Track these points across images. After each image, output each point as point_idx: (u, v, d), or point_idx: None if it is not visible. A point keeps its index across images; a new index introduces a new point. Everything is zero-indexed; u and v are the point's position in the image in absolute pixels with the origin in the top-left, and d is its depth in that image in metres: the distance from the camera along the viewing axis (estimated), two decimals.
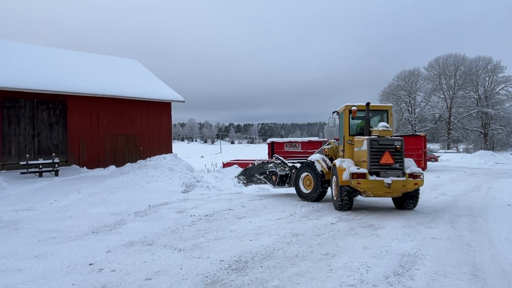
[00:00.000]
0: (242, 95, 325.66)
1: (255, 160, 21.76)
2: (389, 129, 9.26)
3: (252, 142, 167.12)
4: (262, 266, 5.12)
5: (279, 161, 13.88)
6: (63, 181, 14.24)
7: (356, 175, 8.80)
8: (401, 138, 9.04)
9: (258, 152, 45.80)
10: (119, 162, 19.13)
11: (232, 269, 5.02)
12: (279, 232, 7.10)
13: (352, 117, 10.14)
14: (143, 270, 5.02)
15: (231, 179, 15.98)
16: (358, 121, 10.44)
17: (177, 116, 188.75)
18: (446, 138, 60.00)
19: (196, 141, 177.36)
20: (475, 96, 56.41)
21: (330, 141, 12.12)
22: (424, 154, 24.87)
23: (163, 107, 22.08)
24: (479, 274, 4.79)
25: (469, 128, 56.10)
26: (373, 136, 9.18)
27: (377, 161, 8.86)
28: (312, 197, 10.97)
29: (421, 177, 8.79)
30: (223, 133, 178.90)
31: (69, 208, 9.82)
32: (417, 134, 30.72)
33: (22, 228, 7.65)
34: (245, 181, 16.36)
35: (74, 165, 17.94)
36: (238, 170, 18.87)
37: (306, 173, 11.28)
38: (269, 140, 28.05)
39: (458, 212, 9.19)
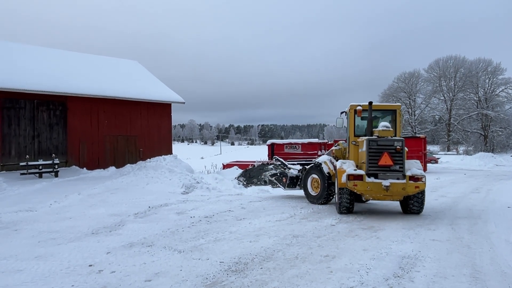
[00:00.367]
0: (242, 97, 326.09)
1: (255, 162, 21.82)
2: (389, 129, 8.83)
3: (252, 144, 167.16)
4: (262, 268, 5.12)
5: (279, 162, 13.88)
6: (63, 182, 14.24)
7: (353, 177, 8.50)
8: (402, 138, 8.61)
9: (258, 153, 45.82)
10: (119, 163, 19.13)
11: (231, 271, 5.02)
12: (279, 233, 7.09)
13: (357, 116, 9.79)
14: (143, 272, 5.01)
15: (231, 180, 15.99)
16: (365, 121, 10.09)
17: (177, 117, 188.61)
18: (446, 140, 60.01)
19: (196, 142, 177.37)
20: (475, 98, 56.42)
21: (339, 142, 11.73)
22: (424, 156, 24.89)
23: (163, 108, 22.09)
24: (479, 276, 4.78)
25: (469, 130, 56.09)
26: (372, 136, 8.88)
27: (376, 163, 8.48)
28: (319, 199, 10.66)
29: (423, 180, 8.31)
30: (223, 134, 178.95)
31: (69, 209, 9.81)
32: (417, 136, 30.75)
33: (22, 229, 7.64)
34: (245, 183, 16.37)
35: (74, 166, 17.94)
36: (238, 171, 18.90)
37: (314, 175, 10.96)
38: (269, 142, 28.09)
39: (458, 214, 9.19)
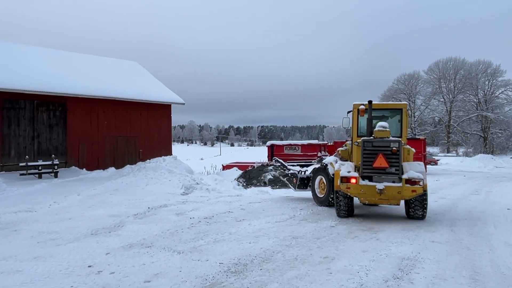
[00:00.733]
0: (242, 98, 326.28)
1: (254, 163, 21.85)
2: (385, 129, 8.37)
3: (252, 145, 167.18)
4: (261, 269, 5.11)
5: (278, 163, 13.90)
6: (63, 183, 14.23)
7: (346, 179, 8.14)
8: (399, 139, 8.19)
9: (258, 154, 45.81)
10: (118, 164, 19.13)
11: (231, 272, 5.01)
12: (278, 235, 7.09)
13: (360, 116, 9.41)
14: (142, 273, 5.01)
15: (231, 181, 16.02)
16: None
17: (177, 118, 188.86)
18: (446, 142, 60.07)
19: (195, 143, 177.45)
20: (475, 100, 56.54)
21: (347, 142, 11.31)
22: (424, 158, 24.90)
23: (163, 109, 22.10)
24: (478, 278, 4.78)
25: (469, 131, 56.18)
26: (367, 137, 8.53)
27: (370, 164, 8.11)
28: (324, 202, 10.32)
29: (420, 183, 7.74)
30: (222, 135, 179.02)
31: (68, 210, 9.80)
32: (416, 137, 30.76)
33: (21, 229, 7.63)
34: (244, 184, 16.38)
35: (73, 166, 17.93)
36: (237, 172, 18.93)
37: (321, 176, 10.62)
38: (269, 143, 28.14)
39: (457, 215, 9.19)
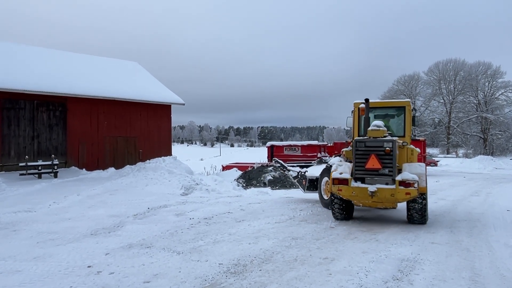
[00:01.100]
0: (242, 98, 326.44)
1: (254, 164, 21.84)
2: (379, 128, 8.00)
3: (251, 145, 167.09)
4: (261, 270, 5.11)
5: (278, 164, 13.90)
6: (62, 183, 14.22)
7: (338, 181, 7.88)
8: (393, 139, 7.78)
9: (258, 155, 45.78)
10: (118, 164, 19.14)
11: (230, 273, 5.01)
12: (278, 235, 7.09)
13: (361, 115, 9.14)
14: (142, 273, 5.01)
15: (231, 182, 16.02)
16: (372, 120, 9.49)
17: (176, 119, 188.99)
18: (446, 143, 60.03)
19: (195, 144, 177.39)
20: (475, 101, 56.52)
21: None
22: (424, 159, 24.89)
23: (163, 110, 22.11)
24: (478, 280, 4.78)
25: (469, 133, 56.18)
26: (359, 137, 8.25)
27: (363, 165, 7.78)
28: (330, 204, 9.78)
29: (415, 185, 7.33)
30: (222, 136, 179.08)
31: (68, 210, 9.80)
32: (416, 138, 30.72)
33: (21, 229, 7.63)
34: (244, 184, 16.38)
35: (73, 167, 17.93)
36: (237, 173, 18.94)
37: (326, 178, 10.18)
38: (269, 144, 28.11)
39: (457, 217, 9.18)
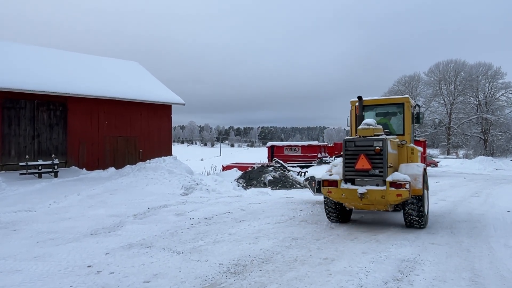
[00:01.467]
0: (243, 99, 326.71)
1: (254, 164, 21.85)
2: (370, 127, 7.62)
3: (252, 146, 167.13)
4: (261, 270, 5.11)
5: (278, 164, 13.91)
6: (63, 183, 14.22)
7: (327, 183, 7.59)
8: (383, 138, 7.36)
9: (258, 155, 45.79)
10: (118, 164, 19.13)
11: (230, 273, 5.01)
12: (278, 236, 7.09)
13: (356, 114, 8.84)
14: (142, 273, 5.01)
15: (231, 182, 16.01)
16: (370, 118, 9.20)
17: (177, 119, 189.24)
18: (446, 144, 60.04)
19: (196, 144, 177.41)
20: (475, 102, 56.55)
21: None
22: (424, 159, 24.90)
23: (163, 110, 22.11)
24: (478, 280, 4.77)
25: (469, 134, 56.17)
26: (349, 137, 7.91)
27: (353, 166, 7.44)
28: None
29: (406, 186, 6.94)
30: (223, 136, 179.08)
31: (68, 209, 9.80)
32: (417, 139, 30.72)
33: (21, 229, 7.63)
34: (244, 185, 16.38)
35: (73, 166, 17.93)
36: (237, 173, 18.93)
37: None
38: (269, 144, 28.11)
39: (457, 217, 9.17)
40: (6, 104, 16.27)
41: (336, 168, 8.12)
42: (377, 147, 7.27)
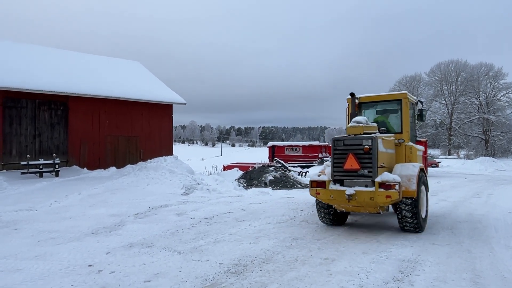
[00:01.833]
0: (244, 99, 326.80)
1: (255, 164, 21.85)
2: (359, 125, 7.25)
3: (253, 146, 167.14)
4: (261, 270, 5.11)
5: (279, 164, 13.91)
6: (64, 182, 14.24)
7: (316, 184, 7.33)
8: (373, 136, 6.99)
9: (259, 155, 45.83)
10: (119, 164, 19.15)
11: (231, 272, 5.01)
12: (278, 236, 7.09)
13: (356, 112, 8.51)
14: (142, 272, 5.01)
15: (231, 182, 16.02)
16: (368, 116, 8.95)
17: (178, 118, 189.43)
18: (447, 144, 59.96)
19: (196, 143, 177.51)
20: (477, 103, 56.45)
21: None
22: (425, 160, 24.86)
23: (164, 109, 22.13)
24: (479, 281, 4.77)
25: (470, 134, 56.11)
26: (338, 135, 7.63)
27: (341, 166, 7.14)
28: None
29: (396, 187, 6.58)
30: (224, 136, 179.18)
31: (69, 209, 9.82)
32: (418, 139, 30.73)
33: (22, 228, 7.65)
34: (245, 184, 16.38)
35: (74, 166, 17.97)
36: (238, 173, 18.94)
37: None
38: (270, 144, 28.12)
39: (458, 218, 9.16)
40: (7, 103, 16.30)
41: (329, 168, 7.77)
42: (366, 146, 6.93)
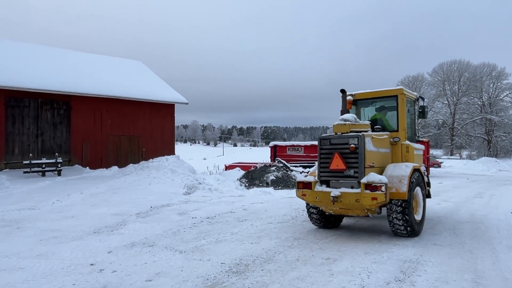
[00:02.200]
0: (246, 98, 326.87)
1: (257, 163, 21.84)
2: (346, 122, 6.92)
3: (254, 145, 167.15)
4: (263, 270, 5.11)
5: (281, 164, 13.90)
6: (66, 181, 14.29)
7: (302, 185, 7.05)
8: (359, 135, 6.60)
9: (261, 155, 45.80)
10: (121, 163, 19.19)
11: (232, 272, 5.01)
12: (280, 235, 7.09)
13: (348, 109, 8.06)
14: (144, 271, 5.02)
15: (233, 181, 16.02)
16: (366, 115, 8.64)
17: (180, 118, 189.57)
18: (450, 144, 59.83)
19: (198, 143, 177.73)
20: (479, 103, 56.33)
21: None
22: (427, 160, 24.81)
23: (166, 109, 22.15)
24: (480, 282, 4.75)
25: (473, 134, 55.98)
26: (325, 134, 7.28)
27: (327, 166, 6.82)
28: None
29: (382, 189, 6.18)
30: (225, 135, 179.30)
31: (71, 208, 9.84)
32: (420, 139, 30.67)
33: (24, 227, 7.67)
34: (247, 184, 16.39)
35: (77, 165, 18.01)
36: (240, 173, 18.94)
37: None
38: (272, 143, 28.08)
39: (460, 218, 9.14)
40: (10, 102, 16.36)
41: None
42: (352, 145, 6.59)
